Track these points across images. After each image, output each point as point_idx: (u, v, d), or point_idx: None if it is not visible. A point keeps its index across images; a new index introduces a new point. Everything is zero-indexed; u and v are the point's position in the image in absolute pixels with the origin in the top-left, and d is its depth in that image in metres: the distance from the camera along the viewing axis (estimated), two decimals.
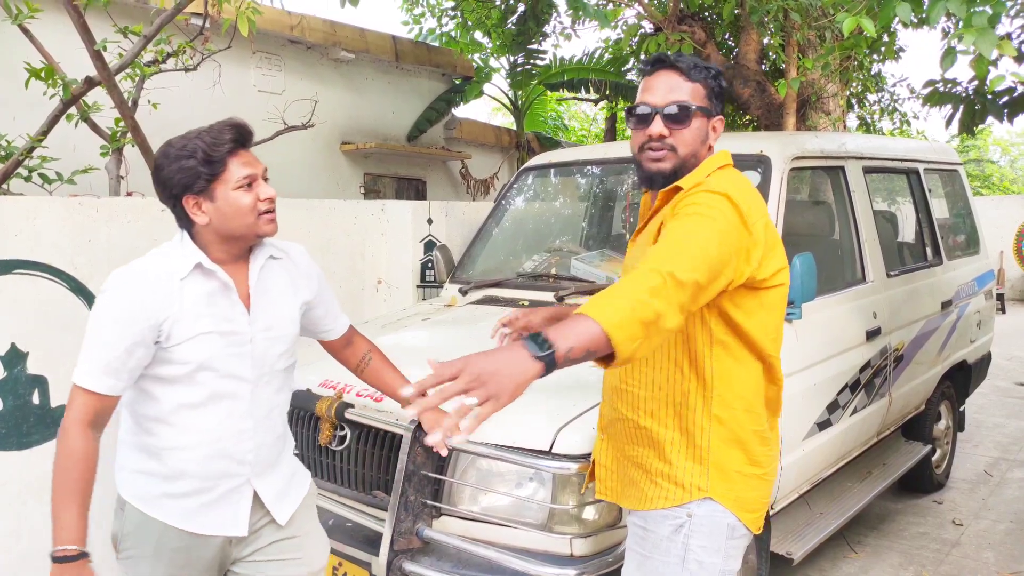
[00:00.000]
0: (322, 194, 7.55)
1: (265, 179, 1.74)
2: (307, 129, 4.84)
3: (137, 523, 1.75)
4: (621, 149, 4.17)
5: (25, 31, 4.11)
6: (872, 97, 9.72)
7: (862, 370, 3.29)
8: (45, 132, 3.96)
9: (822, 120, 8.12)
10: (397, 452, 2.33)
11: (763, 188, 2.96)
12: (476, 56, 9.88)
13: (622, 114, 14.83)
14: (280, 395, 1.87)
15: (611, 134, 12.87)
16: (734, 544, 1.69)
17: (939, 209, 4.66)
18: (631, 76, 10.31)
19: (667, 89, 1.67)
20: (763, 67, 8.26)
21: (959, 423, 4.71)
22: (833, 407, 3.10)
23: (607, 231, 3.97)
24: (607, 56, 9.66)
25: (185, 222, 1.72)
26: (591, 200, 4.10)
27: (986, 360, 4.93)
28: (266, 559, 1.86)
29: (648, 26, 8.16)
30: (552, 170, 4.03)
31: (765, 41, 8.13)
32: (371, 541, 2.32)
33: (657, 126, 1.65)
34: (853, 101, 9.35)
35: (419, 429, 2.26)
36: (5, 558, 2.89)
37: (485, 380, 1.19)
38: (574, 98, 12.40)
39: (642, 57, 9.15)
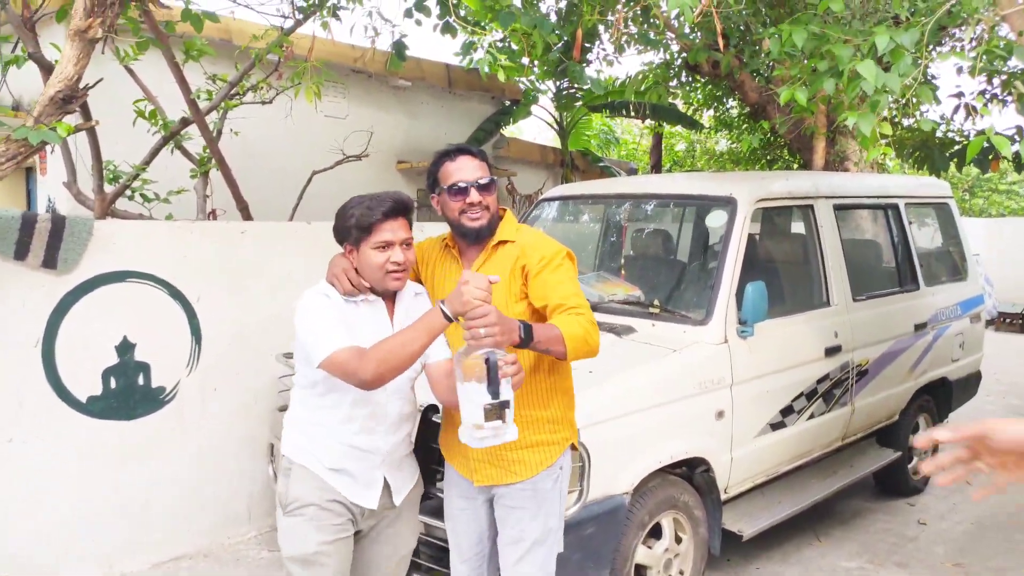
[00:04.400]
0: None
1: (406, 246, 2.15)
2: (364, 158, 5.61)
3: None
4: (623, 186, 4.75)
5: (129, 71, 4.92)
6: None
7: (820, 381, 3.83)
8: (147, 162, 4.78)
9: (850, 145, 8.49)
10: None
11: (728, 225, 3.53)
12: (524, 79, 10.52)
13: (667, 131, 15.29)
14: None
15: (657, 150, 13.38)
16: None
17: (925, 239, 5.12)
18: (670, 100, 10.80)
19: (473, 168, 2.28)
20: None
21: None
22: (787, 411, 3.65)
23: (614, 255, 4.55)
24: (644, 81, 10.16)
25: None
26: (602, 228, 4.71)
27: (972, 379, 5.33)
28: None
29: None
30: (567, 201, 4.67)
31: None
32: None
33: (474, 195, 2.25)
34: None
35: (428, 410, 2.93)
36: (100, 511, 3.62)
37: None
38: (614, 117, 12.95)
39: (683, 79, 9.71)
